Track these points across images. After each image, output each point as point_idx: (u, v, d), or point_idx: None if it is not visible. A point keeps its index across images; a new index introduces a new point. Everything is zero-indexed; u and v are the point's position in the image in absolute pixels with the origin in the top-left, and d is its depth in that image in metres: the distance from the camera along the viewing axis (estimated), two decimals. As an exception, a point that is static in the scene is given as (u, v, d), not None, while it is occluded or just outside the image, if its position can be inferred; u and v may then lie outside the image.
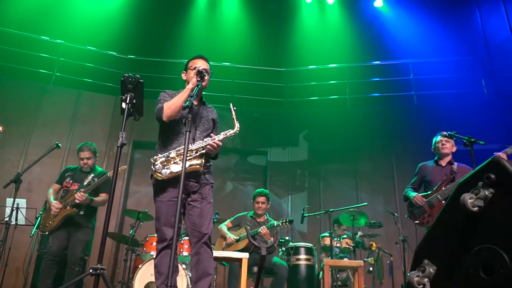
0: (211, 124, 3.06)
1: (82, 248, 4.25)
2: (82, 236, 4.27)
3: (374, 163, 7.39)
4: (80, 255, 4.21)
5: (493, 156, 1.52)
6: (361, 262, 4.36)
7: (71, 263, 4.18)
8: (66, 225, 4.26)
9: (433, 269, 1.61)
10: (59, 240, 4.23)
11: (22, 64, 7.71)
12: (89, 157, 4.49)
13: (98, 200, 4.39)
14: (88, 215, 4.36)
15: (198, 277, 2.74)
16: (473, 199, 1.46)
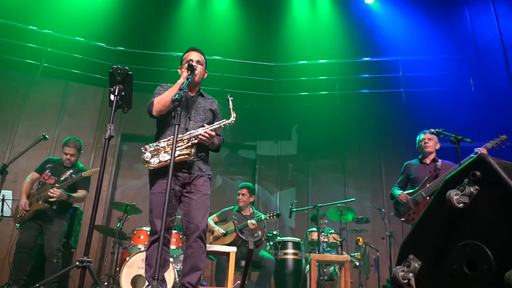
0: (208, 115, 3.04)
1: (58, 240, 4.24)
2: (56, 229, 4.26)
3: (362, 159, 7.45)
4: (56, 247, 4.21)
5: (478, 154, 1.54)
6: (348, 257, 4.41)
7: (49, 256, 4.17)
8: (38, 217, 4.25)
9: (418, 264, 1.63)
10: (29, 232, 4.22)
11: (9, 54, 7.58)
12: (73, 153, 4.47)
13: (77, 196, 4.37)
14: (61, 209, 4.34)
15: (188, 271, 2.74)
16: (459, 196, 1.49)
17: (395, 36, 8.62)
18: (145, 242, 4.87)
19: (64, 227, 4.39)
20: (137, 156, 7.54)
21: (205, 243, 2.82)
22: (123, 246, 5.13)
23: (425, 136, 4.23)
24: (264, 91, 8.46)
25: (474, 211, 1.47)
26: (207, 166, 2.98)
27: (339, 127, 7.68)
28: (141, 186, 7.35)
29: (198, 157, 2.90)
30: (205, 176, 2.93)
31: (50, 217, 4.25)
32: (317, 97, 8.39)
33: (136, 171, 7.46)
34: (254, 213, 5.05)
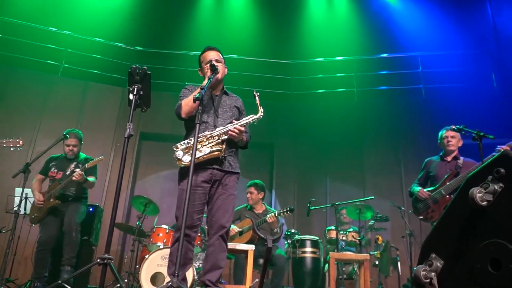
0: (235, 112, 3.08)
1: (76, 215, 4.37)
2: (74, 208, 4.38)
3: (380, 156, 7.35)
4: (75, 221, 4.32)
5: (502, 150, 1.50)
6: (367, 256, 4.36)
7: (67, 230, 4.28)
8: (56, 213, 4.32)
9: (440, 263, 1.60)
10: (49, 229, 4.29)
11: (31, 55, 7.74)
12: (76, 144, 4.56)
13: (90, 182, 4.46)
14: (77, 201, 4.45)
15: (209, 269, 2.78)
16: (482, 193, 1.45)
17: (414, 32, 8.48)
18: (164, 240, 4.92)
19: (82, 208, 4.49)
20: (155, 154, 7.66)
21: (227, 243, 2.86)
22: (143, 243, 5.19)
23: (448, 134, 4.14)
24: (280, 89, 8.43)
25: (498, 209, 1.44)
26: (237, 163, 3.01)
27: (357, 124, 7.60)
28: (159, 185, 7.43)
29: (230, 153, 2.94)
30: (235, 175, 2.96)
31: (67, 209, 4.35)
32: (334, 95, 8.32)
33: (155, 169, 7.54)
34: (267, 210, 5.03)
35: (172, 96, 7.71)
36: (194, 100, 2.63)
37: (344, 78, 8.37)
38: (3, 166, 6.42)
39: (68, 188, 4.39)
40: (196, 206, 2.78)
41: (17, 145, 3.95)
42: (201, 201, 2.83)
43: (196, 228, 2.84)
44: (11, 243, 3.93)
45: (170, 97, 7.70)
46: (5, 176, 5.26)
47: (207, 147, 2.79)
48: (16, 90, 7.16)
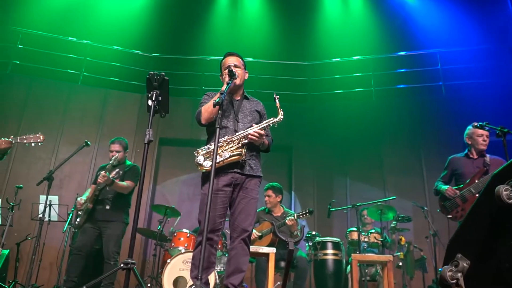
0: (255, 116, 3.09)
1: (114, 242, 4.28)
2: (112, 231, 4.31)
3: (401, 156, 7.25)
4: (112, 249, 4.25)
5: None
6: (390, 257, 4.29)
7: (106, 258, 4.25)
8: (95, 220, 4.34)
9: (467, 264, 1.57)
10: (86, 235, 4.31)
11: (51, 65, 7.93)
12: (119, 150, 4.56)
13: (120, 184, 4.37)
14: (116, 209, 4.39)
15: (231, 272, 2.78)
16: (509, 191, 1.41)
17: (432, 28, 8.34)
18: (185, 244, 4.96)
19: (122, 229, 4.40)
20: (175, 159, 7.73)
21: (249, 246, 2.86)
22: (164, 248, 5.24)
23: (483, 132, 4.00)
24: (298, 90, 8.41)
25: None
26: (258, 166, 3.01)
27: (376, 124, 7.51)
28: (179, 189, 7.49)
29: (251, 156, 2.95)
30: (256, 179, 2.96)
31: (107, 220, 4.34)
32: (352, 95, 8.25)
33: (174, 174, 7.61)
34: (285, 212, 5.00)
35: (189, 101, 7.79)
36: (214, 105, 2.66)
37: (362, 78, 8.29)
38: (28, 175, 6.58)
39: (105, 193, 4.38)
40: (218, 210, 2.80)
41: (38, 140, 3.87)
42: (223, 205, 2.84)
43: (218, 232, 2.85)
44: (37, 249, 4.00)
45: (188, 102, 7.78)
46: (30, 184, 5.39)
47: (227, 152, 2.81)
48: (38, 100, 7.34)
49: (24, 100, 7.29)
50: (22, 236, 5.57)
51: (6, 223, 4.54)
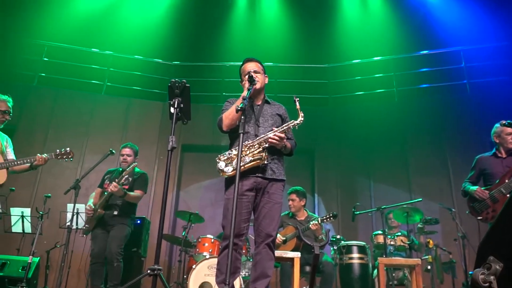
0: (277, 120, 3.08)
1: (116, 243, 4.31)
2: (115, 233, 4.35)
3: (426, 156, 7.10)
4: (115, 250, 4.27)
5: None
6: (419, 260, 4.20)
7: (109, 259, 4.31)
8: (103, 226, 4.40)
9: (500, 266, 1.52)
10: (99, 242, 4.39)
11: (76, 76, 8.14)
12: (129, 154, 4.63)
13: (132, 195, 4.41)
14: (123, 215, 4.44)
15: (256, 277, 2.78)
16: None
17: (454, 26, 8.17)
18: (210, 250, 4.98)
19: (125, 232, 4.44)
20: (197, 165, 7.79)
21: (274, 251, 2.85)
22: (189, 254, 5.27)
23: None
24: (318, 93, 8.36)
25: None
26: (281, 170, 2.99)
27: (399, 125, 7.40)
28: (202, 195, 7.54)
29: (272, 160, 2.94)
30: (279, 183, 2.95)
31: (113, 224, 4.40)
32: (374, 96, 8.15)
33: (197, 180, 7.66)
34: (309, 216, 4.95)
35: (210, 107, 7.85)
36: (237, 110, 2.67)
37: (383, 79, 8.18)
38: (56, 184, 6.74)
39: (114, 199, 4.44)
40: (242, 214, 2.79)
41: (69, 156, 4.01)
42: (247, 209, 2.84)
43: (242, 237, 2.84)
44: (65, 257, 4.08)
45: (209, 108, 7.83)
46: (58, 193, 5.52)
47: (248, 156, 2.81)
48: (64, 110, 7.54)
49: (50, 111, 7.49)
50: (51, 244, 5.70)
51: (36, 232, 4.65)
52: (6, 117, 3.83)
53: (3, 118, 3.81)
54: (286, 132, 2.96)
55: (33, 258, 4.33)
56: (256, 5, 9.42)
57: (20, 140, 4.25)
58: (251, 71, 3.01)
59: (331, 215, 4.60)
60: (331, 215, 4.59)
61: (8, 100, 3.86)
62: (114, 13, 8.99)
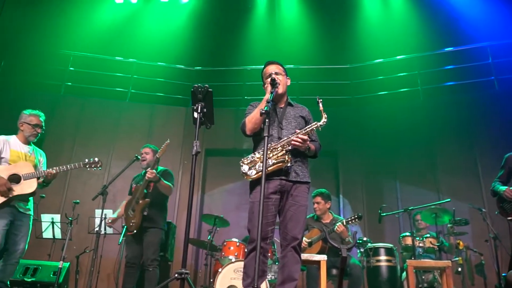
0: (300, 122, 3.08)
1: (152, 249, 4.35)
2: (149, 239, 4.40)
3: (454, 156, 6.93)
4: (151, 257, 4.32)
5: None
6: (449, 262, 4.10)
7: (145, 265, 4.35)
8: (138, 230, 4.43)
9: (537, 268, 1.47)
10: (132, 246, 4.45)
11: (101, 84, 8.33)
12: (148, 152, 4.74)
13: (164, 183, 4.47)
14: (154, 215, 4.47)
15: (283, 280, 2.78)
16: None
17: (479, 21, 7.94)
18: (235, 253, 4.99)
19: (159, 236, 4.49)
20: (221, 169, 7.83)
21: (300, 254, 2.83)
22: (215, 257, 5.30)
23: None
24: (341, 94, 8.28)
25: None
26: (305, 172, 2.98)
27: (424, 124, 7.25)
28: (226, 199, 7.57)
29: (296, 162, 2.93)
30: (304, 185, 2.93)
31: (146, 228, 4.44)
32: (398, 95, 8.01)
33: (221, 184, 7.70)
34: (334, 219, 4.90)
35: (232, 111, 7.89)
36: (261, 113, 2.67)
37: (407, 77, 8.03)
38: (84, 190, 6.90)
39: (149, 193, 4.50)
40: (267, 218, 2.79)
41: (97, 165, 4.16)
42: (271, 212, 2.83)
43: (268, 240, 2.84)
44: (94, 262, 4.17)
45: (231, 112, 7.88)
46: (86, 199, 5.64)
47: (271, 159, 2.81)
48: (90, 118, 7.72)
49: (77, 119, 7.69)
50: (81, 249, 5.83)
51: (66, 237, 4.76)
52: (38, 131, 4.03)
53: (35, 132, 4.01)
54: (310, 134, 2.95)
55: (63, 263, 4.44)
56: (276, 7, 9.41)
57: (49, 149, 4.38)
58: (272, 73, 3.01)
59: (356, 216, 4.55)
60: (356, 216, 4.54)
61: (39, 115, 4.06)
62: (136, 21, 9.16)
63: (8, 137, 3.98)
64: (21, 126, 4.00)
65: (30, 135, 4.00)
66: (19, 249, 3.80)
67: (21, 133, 4.01)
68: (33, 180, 3.83)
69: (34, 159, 4.02)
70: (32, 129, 3.99)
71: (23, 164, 3.86)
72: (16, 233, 3.79)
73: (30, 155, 4.01)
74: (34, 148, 4.11)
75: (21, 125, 4.01)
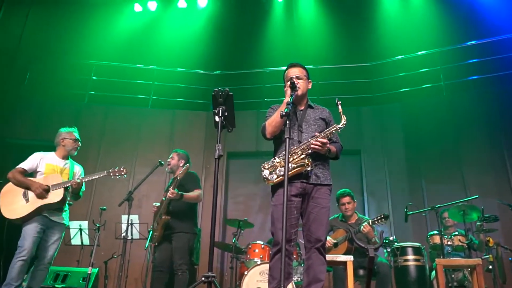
0: (320, 124, 3.07)
1: (179, 254, 4.37)
2: (177, 244, 4.41)
3: (481, 151, 6.75)
4: (179, 261, 4.34)
5: None
6: (479, 260, 4.00)
7: (174, 269, 4.38)
8: (166, 237, 4.48)
9: None
10: (161, 251, 4.49)
11: (123, 92, 8.49)
12: (173, 157, 4.79)
13: (190, 195, 4.46)
14: (183, 220, 4.49)
15: (309, 282, 2.77)
16: None
17: (503, 12, 7.73)
18: (261, 255, 4.99)
19: (187, 241, 4.48)
20: (243, 172, 7.85)
21: (324, 255, 2.82)
22: (240, 260, 5.31)
23: None
24: (362, 93, 8.19)
25: None
26: (326, 175, 2.97)
27: (449, 120, 7.09)
28: (249, 201, 7.59)
29: (317, 166, 2.92)
30: (325, 187, 2.92)
31: (171, 232, 4.47)
32: (420, 92, 7.86)
33: (244, 187, 7.72)
34: (360, 219, 4.84)
35: (253, 114, 7.91)
36: (281, 116, 2.67)
37: (429, 73, 7.87)
38: (110, 197, 7.02)
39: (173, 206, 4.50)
40: (289, 220, 2.79)
41: (122, 173, 4.28)
42: (294, 215, 2.84)
43: (292, 242, 2.84)
44: (123, 266, 4.23)
45: (251, 115, 7.90)
46: (112, 205, 5.74)
47: (290, 163, 2.81)
48: (114, 126, 7.87)
49: (102, 127, 7.85)
50: (109, 255, 5.94)
51: (94, 243, 4.86)
52: (78, 144, 4.36)
53: (76, 145, 4.32)
54: (330, 136, 2.93)
55: (92, 269, 4.53)
56: (293, 8, 9.39)
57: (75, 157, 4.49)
58: (293, 77, 3.01)
59: (382, 216, 4.48)
60: (382, 216, 4.47)
61: (75, 131, 4.37)
62: (156, 29, 9.30)
63: (45, 153, 4.20)
64: (62, 142, 4.25)
65: (71, 149, 4.28)
66: (48, 256, 3.93)
67: (61, 149, 4.25)
68: (60, 190, 3.95)
69: (69, 172, 4.20)
70: (74, 143, 4.29)
71: (54, 176, 4.03)
72: (47, 239, 3.93)
73: (65, 168, 4.20)
74: (70, 162, 4.31)
75: (62, 141, 4.26)
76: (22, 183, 3.92)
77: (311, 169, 2.84)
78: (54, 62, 8.61)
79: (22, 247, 3.73)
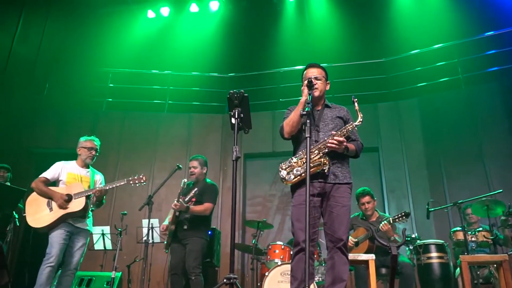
0: (338, 123, 3.05)
1: (192, 257, 4.38)
2: (191, 247, 4.43)
3: (502, 144, 6.59)
4: (192, 264, 4.35)
5: None
6: (506, 256, 3.90)
7: (188, 273, 4.40)
8: (179, 240, 4.51)
9: None
10: (175, 255, 4.51)
11: (139, 98, 8.60)
12: (195, 165, 4.74)
13: (196, 209, 4.45)
14: (195, 229, 4.49)
15: (331, 282, 2.75)
16: None
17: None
18: (281, 256, 4.98)
19: (200, 245, 4.49)
20: (260, 172, 7.85)
21: (347, 255, 2.80)
22: (261, 261, 5.31)
23: None
24: (378, 89, 8.10)
25: None
26: (346, 173, 2.95)
27: (469, 113, 6.95)
28: (267, 202, 7.58)
29: (335, 164, 2.91)
30: (345, 186, 2.90)
31: (186, 238, 4.49)
32: (438, 86, 7.72)
33: (262, 187, 7.72)
34: (380, 217, 4.78)
35: (268, 115, 7.90)
36: (302, 115, 2.69)
37: (447, 66, 7.72)
38: (130, 201, 7.12)
39: (183, 214, 4.52)
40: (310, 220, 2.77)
41: (141, 181, 4.32)
42: (313, 215, 2.82)
43: (313, 242, 2.83)
44: (145, 270, 4.28)
45: (267, 115, 7.89)
46: (133, 210, 5.81)
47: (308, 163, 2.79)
48: (132, 132, 7.97)
49: (120, 133, 7.95)
50: (131, 259, 6.01)
51: (116, 248, 4.93)
52: (93, 153, 4.35)
53: (91, 154, 4.34)
54: (348, 134, 2.90)
55: (116, 273, 4.59)
56: (305, 7, 9.36)
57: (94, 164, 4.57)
58: (311, 78, 3.00)
59: (403, 214, 4.40)
60: (403, 214, 4.39)
61: (93, 140, 4.42)
62: (169, 34, 9.41)
63: (67, 162, 4.30)
64: (79, 151, 4.34)
65: (86, 158, 4.32)
66: (74, 261, 4.01)
67: (79, 158, 4.34)
68: (82, 198, 4.03)
69: (89, 180, 4.28)
70: (88, 152, 4.31)
71: (76, 185, 4.12)
72: (72, 245, 4.02)
73: (86, 176, 4.29)
74: (91, 170, 4.39)
75: (79, 150, 4.34)
76: (45, 194, 4.02)
77: (329, 167, 2.82)
78: (72, 70, 8.78)
79: (50, 253, 3.82)
